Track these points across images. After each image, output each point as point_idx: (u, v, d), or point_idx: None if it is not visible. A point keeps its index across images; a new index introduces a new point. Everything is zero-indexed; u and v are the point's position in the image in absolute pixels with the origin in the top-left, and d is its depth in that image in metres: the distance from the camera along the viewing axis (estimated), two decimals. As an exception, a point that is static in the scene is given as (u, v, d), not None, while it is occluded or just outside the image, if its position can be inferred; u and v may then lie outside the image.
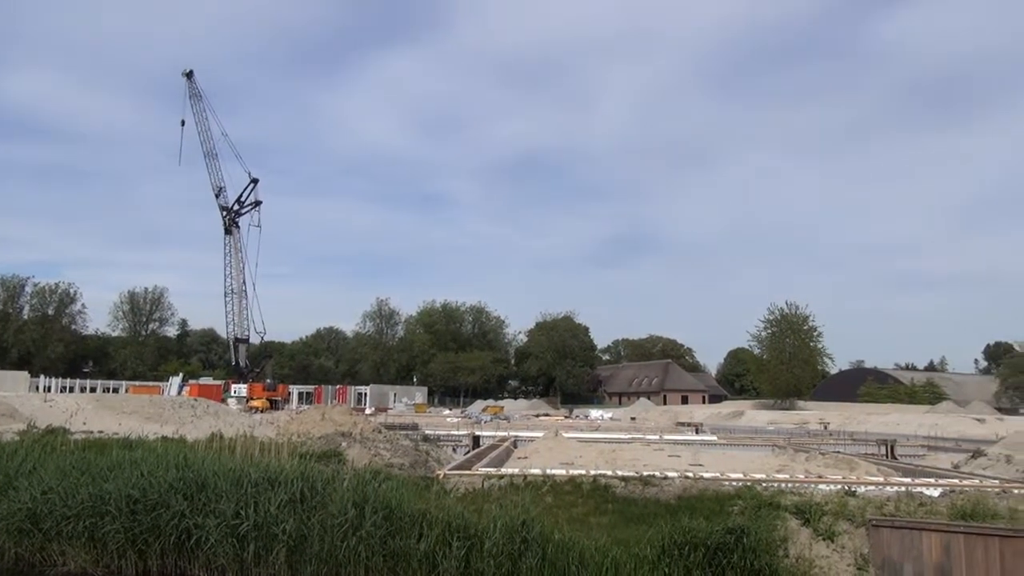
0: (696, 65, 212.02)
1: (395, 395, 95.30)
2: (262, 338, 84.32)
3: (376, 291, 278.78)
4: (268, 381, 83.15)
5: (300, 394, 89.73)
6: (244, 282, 78.80)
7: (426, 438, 31.20)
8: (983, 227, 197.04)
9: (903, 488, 17.94)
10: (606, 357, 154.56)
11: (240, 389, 76.43)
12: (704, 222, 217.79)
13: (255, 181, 79.28)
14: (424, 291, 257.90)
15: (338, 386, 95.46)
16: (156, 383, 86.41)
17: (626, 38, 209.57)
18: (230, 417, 37.54)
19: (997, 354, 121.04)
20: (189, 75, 76.99)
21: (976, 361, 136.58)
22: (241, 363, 79.58)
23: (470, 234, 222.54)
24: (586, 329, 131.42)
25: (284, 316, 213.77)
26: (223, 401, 64.70)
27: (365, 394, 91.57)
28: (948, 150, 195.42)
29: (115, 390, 77.51)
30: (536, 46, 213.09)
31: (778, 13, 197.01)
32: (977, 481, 20.13)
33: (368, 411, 66.10)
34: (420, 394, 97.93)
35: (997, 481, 20.09)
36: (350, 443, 21.70)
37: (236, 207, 78.93)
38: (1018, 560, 14.71)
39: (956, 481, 20.07)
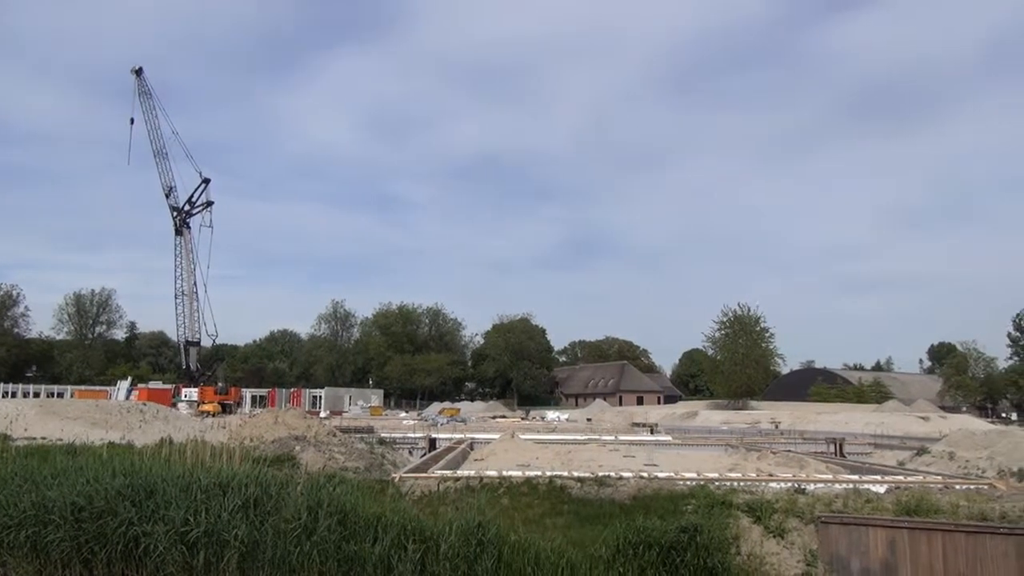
0: (650, 70, 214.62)
1: (351, 398, 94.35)
2: (214, 341, 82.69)
3: (331, 293, 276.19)
4: (220, 385, 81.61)
5: (253, 398, 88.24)
6: (195, 284, 77.18)
7: (382, 441, 30.98)
8: (926, 230, 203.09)
9: (851, 485, 18.40)
10: (563, 359, 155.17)
11: (191, 393, 74.86)
12: (658, 225, 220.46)
13: (207, 181, 77.76)
14: (380, 293, 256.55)
15: (292, 389, 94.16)
16: (103, 388, 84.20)
17: (582, 42, 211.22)
18: (180, 422, 36.73)
19: (940, 354, 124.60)
20: (138, 72, 75.19)
21: (921, 361, 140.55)
22: (192, 366, 77.96)
23: (426, 236, 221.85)
24: (543, 331, 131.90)
25: (237, 318, 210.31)
26: (173, 405, 63.34)
27: (320, 397, 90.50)
28: (892, 155, 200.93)
29: (60, 395, 75.25)
30: (492, 48, 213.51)
31: (729, 20, 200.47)
32: (921, 477, 20.73)
33: (323, 414, 65.28)
34: (376, 397, 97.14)
35: (940, 477, 20.72)
36: (304, 447, 21.43)
37: (187, 207, 77.32)
38: (959, 554, 15.18)
39: (901, 478, 20.63)
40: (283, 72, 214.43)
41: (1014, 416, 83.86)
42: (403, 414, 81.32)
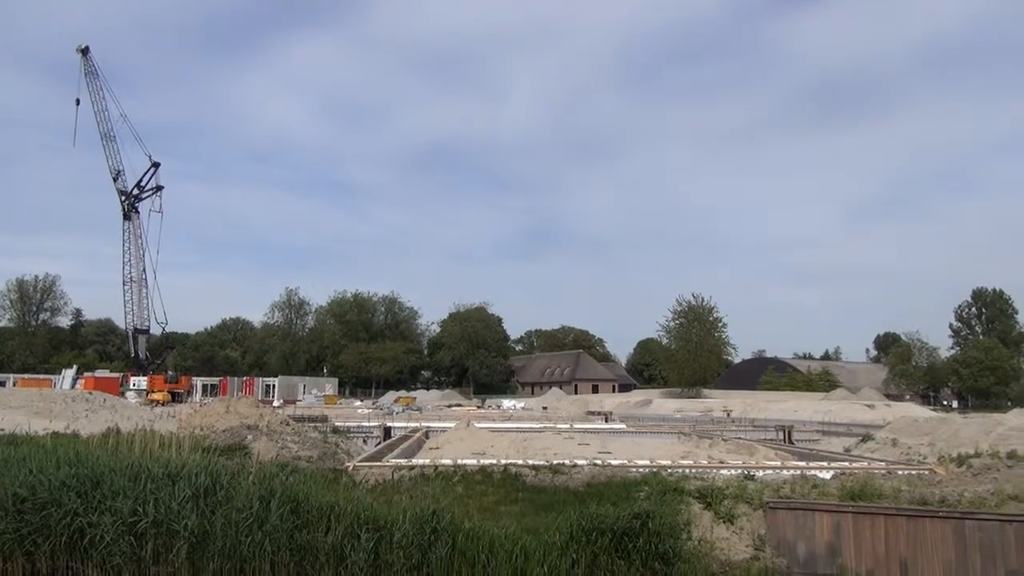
0: (605, 60, 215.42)
1: (304, 387, 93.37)
2: (163, 329, 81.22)
3: (285, 280, 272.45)
4: (169, 373, 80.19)
5: (204, 386, 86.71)
6: (144, 270, 75.64)
7: (336, 430, 30.74)
8: (874, 223, 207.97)
9: (798, 471, 18.83)
10: (519, 348, 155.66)
11: (139, 382, 73.42)
12: (613, 215, 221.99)
13: (156, 165, 76.10)
14: (335, 281, 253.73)
15: (245, 378, 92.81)
16: (47, 376, 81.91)
17: (538, 31, 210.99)
18: (128, 411, 35.94)
19: (886, 344, 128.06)
20: (84, 51, 73.04)
21: (867, 350, 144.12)
22: (140, 355, 76.40)
23: (382, 224, 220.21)
24: (499, 320, 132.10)
25: (188, 306, 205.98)
26: (121, 394, 62.02)
27: (273, 386, 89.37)
28: (842, 149, 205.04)
29: (1, 384, 73.17)
30: (449, 36, 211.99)
31: (682, 12, 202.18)
32: (865, 464, 21.30)
33: (276, 403, 64.49)
34: (331, 385, 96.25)
35: (883, 463, 21.31)
36: (256, 436, 21.16)
37: (136, 192, 75.59)
38: (900, 537, 15.68)
39: (847, 464, 21.18)
40: (237, 55, 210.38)
41: (955, 404, 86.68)
42: (358, 403, 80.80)
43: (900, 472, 19.00)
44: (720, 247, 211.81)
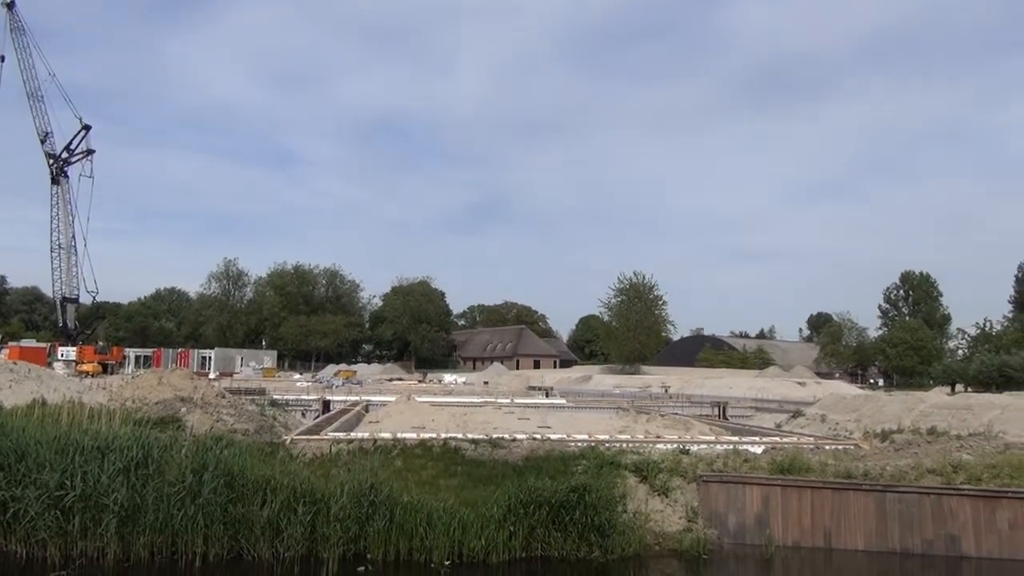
0: (553, 37, 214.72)
1: (242, 359, 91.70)
2: (94, 298, 78.65)
3: (223, 251, 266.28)
4: (100, 344, 77.82)
5: (137, 358, 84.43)
6: (73, 237, 72.89)
7: (274, 403, 30.32)
8: (810, 206, 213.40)
9: (731, 446, 19.33)
10: (461, 322, 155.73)
11: (68, 352, 70.99)
12: (558, 191, 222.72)
13: (87, 128, 73.18)
14: (275, 252, 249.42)
15: (180, 350, 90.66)
16: (-32, 345, 78.54)
17: (486, 5, 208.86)
18: (55, 382, 34.65)
19: (818, 324, 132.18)
20: (10, 5, 69.43)
21: (801, 330, 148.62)
22: (69, 324, 73.88)
23: (325, 195, 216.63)
24: (442, 294, 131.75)
25: (120, 275, 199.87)
26: (48, 365, 59.84)
27: (209, 358, 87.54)
28: (781, 132, 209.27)
29: (-81, 353, 69.83)
30: (396, 4, 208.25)
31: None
32: (795, 439, 21.98)
33: (212, 376, 63.23)
34: (269, 358, 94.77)
35: (812, 438, 22.01)
36: (190, 408, 20.69)
37: (65, 155, 72.60)
38: (825, 508, 16.28)
39: (777, 439, 21.83)
40: (174, 16, 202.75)
41: (880, 382, 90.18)
42: (297, 376, 79.80)
43: (827, 447, 19.66)
44: (663, 226, 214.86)
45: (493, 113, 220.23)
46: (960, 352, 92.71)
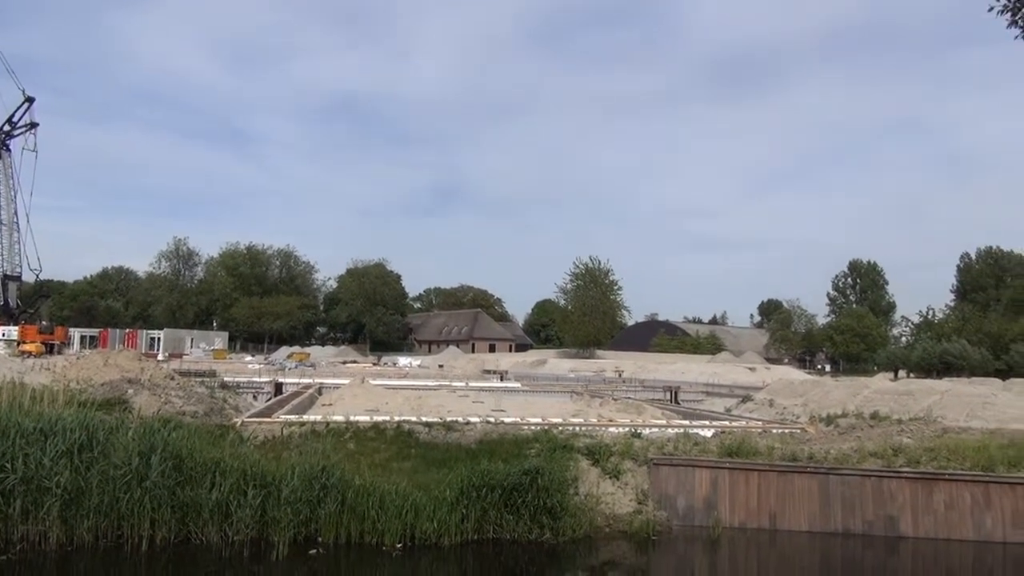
0: (515, 21, 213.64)
1: (192, 340, 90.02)
2: (37, 276, 75.99)
3: (174, 230, 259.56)
4: (43, 323, 75.39)
5: (83, 338, 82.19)
6: (16, 213, 70.22)
7: (224, 385, 29.80)
8: (764, 194, 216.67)
9: (682, 430, 19.65)
10: (417, 305, 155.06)
11: (9, 332, 68.65)
12: (516, 175, 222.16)
13: (30, 100, 70.28)
14: (228, 232, 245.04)
15: (127, 330, 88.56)
16: (-97, 324, 75.65)
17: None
18: (-4, 362, 33.80)
19: (769, 310, 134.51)
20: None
21: (752, 316, 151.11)
22: (11, 303, 71.44)
23: (280, 175, 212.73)
24: (398, 277, 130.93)
25: (66, 253, 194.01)
26: (-11, 345, 58.14)
27: (158, 339, 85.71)
28: (736, 121, 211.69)
29: None
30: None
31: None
32: (744, 423, 22.45)
33: (161, 357, 62.06)
34: (220, 340, 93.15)
35: (760, 423, 22.50)
36: (137, 390, 20.27)
37: (6, 128, 69.87)
38: (771, 490, 16.68)
39: (726, 423, 22.26)
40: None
41: (827, 368, 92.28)
42: (249, 358, 78.70)
43: (775, 431, 20.11)
44: (620, 212, 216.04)
45: (453, 95, 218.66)
46: (904, 339, 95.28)
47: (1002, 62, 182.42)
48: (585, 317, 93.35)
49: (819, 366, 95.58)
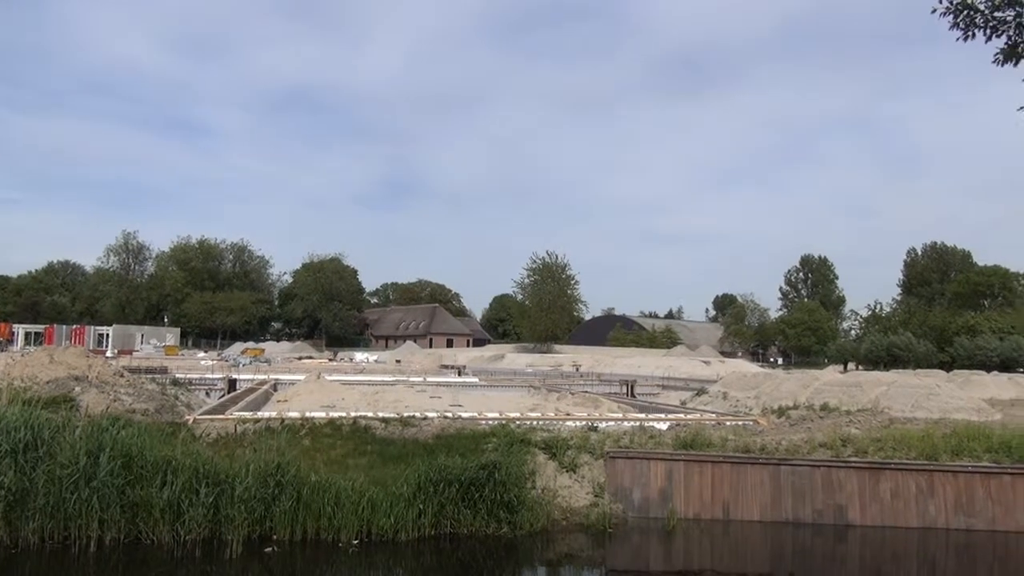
0: (472, 14, 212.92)
1: (143, 336, 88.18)
2: (-22, 271, 73.84)
3: (122, 223, 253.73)
4: (-14, 320, 73.29)
5: (27, 334, 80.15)
6: (-45, 205, 68.11)
7: (176, 382, 29.22)
8: (718, 190, 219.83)
9: (638, 423, 19.83)
10: (374, 300, 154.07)
11: (-50, 329, 66.69)
12: (473, 169, 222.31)
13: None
14: (179, 226, 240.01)
15: (74, 326, 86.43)
16: None
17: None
18: (-65, 360, 32.61)
19: (724, 304, 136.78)
20: None
21: (707, 310, 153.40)
22: (-49, 299, 69.26)
23: (233, 167, 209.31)
24: (354, 272, 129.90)
25: (8, 247, 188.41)
26: (-73, 342, 56.18)
27: (107, 335, 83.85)
28: (692, 117, 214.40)
29: None
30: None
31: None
32: (698, 415, 22.74)
33: (110, 353, 60.62)
34: (171, 336, 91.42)
35: (714, 415, 22.82)
36: (85, 388, 19.74)
37: (-55, 117, 67.63)
38: (725, 481, 16.95)
39: (681, 416, 22.54)
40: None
41: (780, 361, 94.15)
42: (201, 354, 77.34)
43: (728, 423, 20.42)
44: (577, 207, 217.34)
45: (408, 88, 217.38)
46: (853, 333, 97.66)
47: (946, 62, 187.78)
48: (542, 312, 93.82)
49: (772, 359, 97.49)
